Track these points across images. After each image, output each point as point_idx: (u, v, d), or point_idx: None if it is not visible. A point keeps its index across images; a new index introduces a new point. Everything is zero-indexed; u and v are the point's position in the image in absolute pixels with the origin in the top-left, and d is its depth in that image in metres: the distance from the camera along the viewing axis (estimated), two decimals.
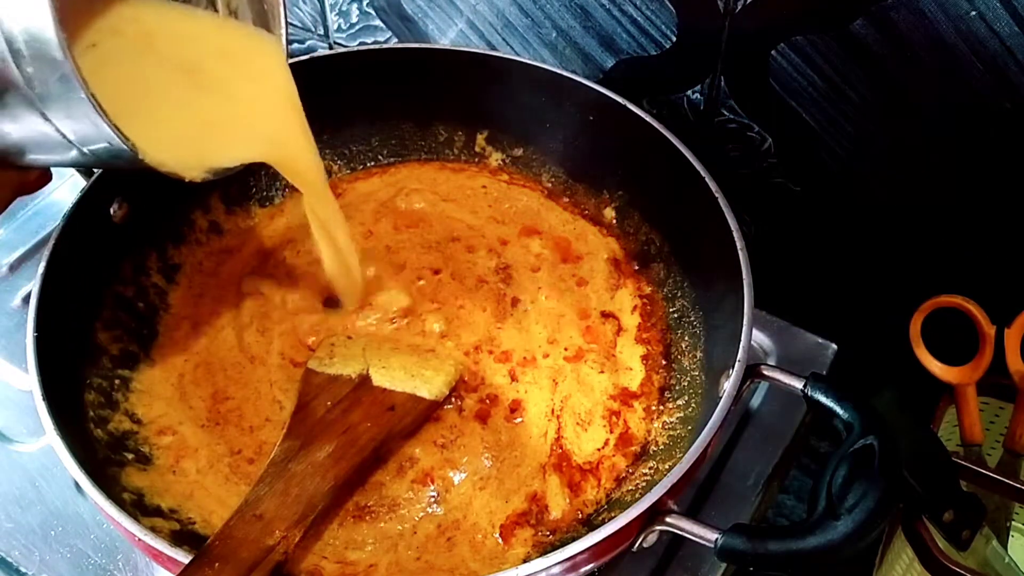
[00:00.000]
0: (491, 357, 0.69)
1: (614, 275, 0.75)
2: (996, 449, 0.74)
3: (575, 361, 0.69)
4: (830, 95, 0.70)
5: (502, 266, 0.75)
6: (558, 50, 0.81)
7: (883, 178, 0.73)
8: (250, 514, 0.54)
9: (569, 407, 0.66)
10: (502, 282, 0.74)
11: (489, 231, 0.78)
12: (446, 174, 0.83)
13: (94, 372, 0.64)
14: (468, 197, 0.81)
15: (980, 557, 0.68)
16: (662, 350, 0.70)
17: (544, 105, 0.77)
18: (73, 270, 0.63)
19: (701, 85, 0.76)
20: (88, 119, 0.44)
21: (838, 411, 0.54)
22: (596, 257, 0.76)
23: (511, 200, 0.81)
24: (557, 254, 0.77)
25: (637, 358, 0.70)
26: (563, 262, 0.76)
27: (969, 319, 0.72)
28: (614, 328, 0.72)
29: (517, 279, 0.74)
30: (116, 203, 0.69)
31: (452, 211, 0.80)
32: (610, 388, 0.68)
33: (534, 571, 0.49)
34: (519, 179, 0.82)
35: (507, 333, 0.70)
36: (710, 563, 0.64)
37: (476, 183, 0.82)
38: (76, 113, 0.44)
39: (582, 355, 0.69)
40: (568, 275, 0.75)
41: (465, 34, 0.85)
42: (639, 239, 0.76)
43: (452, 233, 0.77)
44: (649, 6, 0.73)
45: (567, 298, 0.73)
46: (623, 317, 0.73)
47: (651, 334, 0.71)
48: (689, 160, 0.68)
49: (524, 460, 0.64)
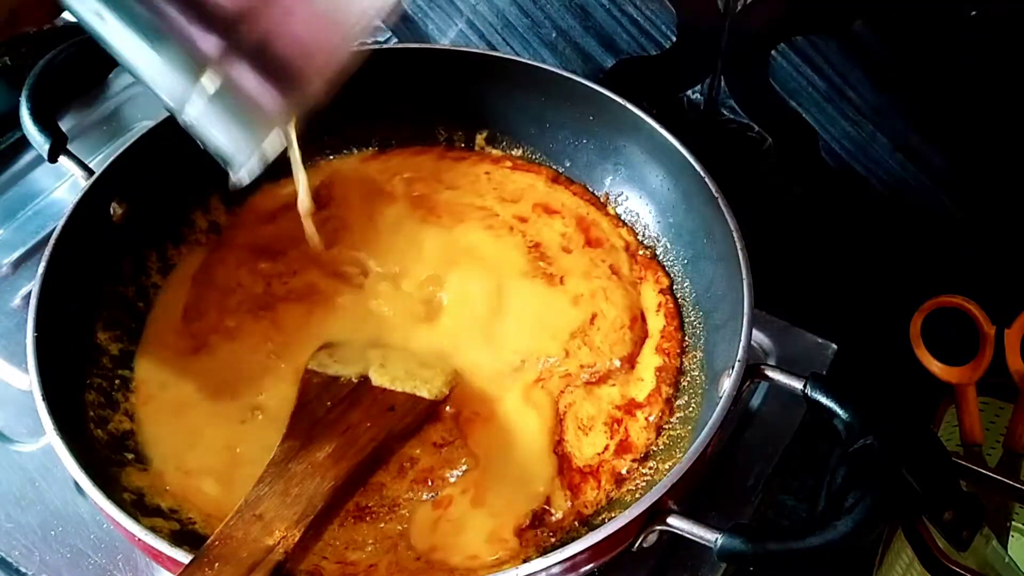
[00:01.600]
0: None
1: (635, 266, 0.74)
2: (996, 449, 0.74)
3: (597, 384, 0.68)
4: (830, 95, 0.70)
5: (532, 244, 0.74)
6: (558, 50, 0.81)
7: (883, 178, 0.73)
8: (250, 514, 0.54)
9: (572, 412, 0.66)
10: (540, 260, 0.73)
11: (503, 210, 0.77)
12: (447, 162, 0.82)
13: (94, 372, 0.64)
14: (472, 183, 0.80)
15: (980, 557, 0.68)
16: (678, 364, 0.69)
17: (544, 105, 0.77)
18: (73, 270, 0.63)
19: (701, 85, 0.76)
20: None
21: (838, 411, 0.54)
22: (616, 247, 0.75)
23: (515, 183, 0.79)
24: (582, 235, 0.75)
25: (652, 369, 0.69)
26: (588, 245, 0.75)
27: (969, 319, 0.72)
28: (642, 333, 0.70)
29: (554, 257, 0.73)
30: (116, 203, 0.69)
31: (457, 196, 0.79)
32: (617, 398, 0.67)
33: (534, 571, 0.49)
34: (523, 166, 0.81)
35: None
36: (710, 563, 0.64)
37: (479, 170, 0.81)
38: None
39: (608, 377, 0.68)
40: (599, 260, 0.74)
41: (465, 34, 0.85)
42: (639, 239, 0.76)
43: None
44: (649, 6, 0.73)
45: (615, 294, 0.71)
46: (650, 319, 0.71)
47: (671, 344, 0.70)
48: (689, 160, 0.68)
49: (525, 462, 0.64)
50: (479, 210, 0.77)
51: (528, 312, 0.70)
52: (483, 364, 0.68)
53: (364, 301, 0.71)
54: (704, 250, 0.69)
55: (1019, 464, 0.72)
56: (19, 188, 0.88)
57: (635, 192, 0.76)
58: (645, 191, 0.75)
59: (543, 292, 0.71)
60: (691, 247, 0.71)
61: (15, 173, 0.89)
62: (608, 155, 0.77)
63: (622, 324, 0.70)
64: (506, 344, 0.69)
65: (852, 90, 0.69)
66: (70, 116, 0.92)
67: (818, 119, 0.72)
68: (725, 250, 0.64)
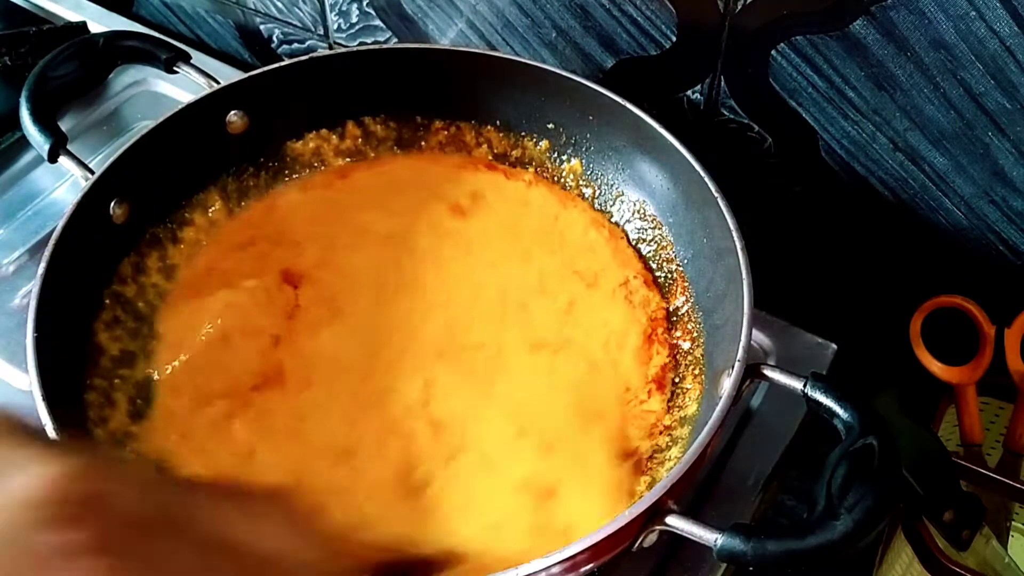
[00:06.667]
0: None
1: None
2: (996, 449, 0.74)
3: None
4: (830, 95, 0.70)
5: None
6: (558, 50, 0.81)
7: (883, 178, 0.73)
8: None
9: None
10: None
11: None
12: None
13: (94, 372, 0.64)
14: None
15: (980, 557, 0.68)
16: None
17: (544, 105, 0.77)
18: (73, 270, 0.63)
19: (701, 85, 0.76)
20: None
21: (838, 411, 0.54)
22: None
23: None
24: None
25: (652, 369, 0.69)
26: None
27: (969, 319, 0.72)
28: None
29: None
30: (116, 203, 0.69)
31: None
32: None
33: (534, 571, 0.49)
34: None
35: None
36: (710, 563, 0.64)
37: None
38: None
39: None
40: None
41: (465, 34, 0.85)
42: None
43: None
44: (649, 6, 0.73)
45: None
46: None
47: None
48: (689, 160, 0.68)
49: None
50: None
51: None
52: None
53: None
54: (704, 250, 0.69)
55: (1019, 464, 0.72)
56: (19, 188, 0.88)
57: (635, 192, 0.76)
58: (645, 191, 0.75)
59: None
60: (691, 247, 0.71)
61: (15, 173, 0.89)
62: (608, 155, 0.77)
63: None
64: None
65: (852, 90, 0.69)
66: (70, 116, 0.92)
67: (818, 119, 0.72)
68: (725, 250, 0.64)
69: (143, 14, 1.08)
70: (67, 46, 0.75)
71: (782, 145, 0.76)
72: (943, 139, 0.68)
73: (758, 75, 0.72)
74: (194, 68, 0.76)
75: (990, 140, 0.66)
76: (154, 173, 0.71)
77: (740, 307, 0.59)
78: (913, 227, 0.74)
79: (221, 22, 1.03)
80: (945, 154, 0.69)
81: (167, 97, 0.95)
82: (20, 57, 0.91)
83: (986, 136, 0.66)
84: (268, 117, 0.77)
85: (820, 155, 0.74)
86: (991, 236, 0.72)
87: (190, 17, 1.05)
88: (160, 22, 1.08)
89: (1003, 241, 0.71)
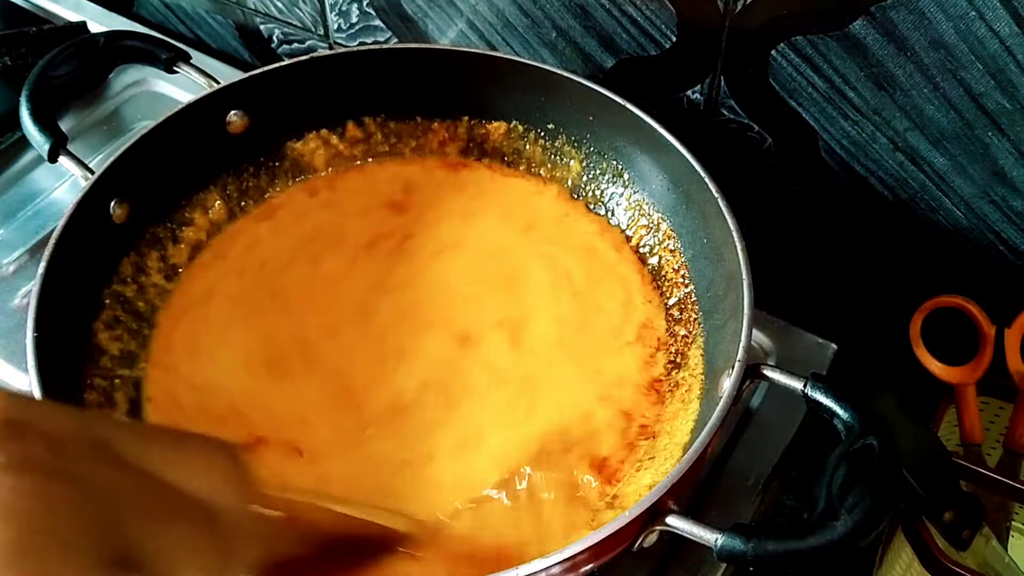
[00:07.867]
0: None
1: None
2: (996, 449, 0.74)
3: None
4: (830, 95, 0.70)
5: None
6: (558, 50, 0.81)
7: (883, 178, 0.73)
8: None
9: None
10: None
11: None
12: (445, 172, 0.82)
13: (94, 372, 0.64)
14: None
15: (980, 557, 0.68)
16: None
17: (544, 105, 0.77)
18: (73, 270, 0.63)
19: (701, 85, 0.76)
20: None
21: (838, 411, 0.54)
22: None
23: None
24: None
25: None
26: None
27: (969, 319, 0.72)
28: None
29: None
30: (116, 203, 0.69)
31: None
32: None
33: (534, 571, 0.49)
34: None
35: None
36: (710, 563, 0.64)
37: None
38: None
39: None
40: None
41: (465, 34, 0.85)
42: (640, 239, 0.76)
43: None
44: (649, 6, 0.73)
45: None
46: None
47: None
48: (689, 160, 0.68)
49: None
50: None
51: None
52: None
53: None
54: (704, 250, 0.69)
55: (1019, 464, 0.72)
56: (19, 188, 0.88)
57: (635, 192, 0.76)
58: (645, 191, 0.75)
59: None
60: (691, 247, 0.71)
61: (15, 173, 0.89)
62: (608, 155, 0.77)
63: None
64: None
65: (852, 90, 0.69)
66: (70, 116, 0.92)
67: (818, 119, 0.72)
68: (725, 250, 0.64)
69: (143, 14, 1.08)
70: (67, 46, 0.75)
71: (782, 145, 0.76)
72: (943, 139, 0.68)
73: (758, 75, 0.72)
74: (194, 68, 0.76)
75: (990, 140, 0.66)
76: (154, 173, 0.71)
77: (740, 307, 0.59)
78: (913, 227, 0.74)
79: (221, 22, 1.03)
80: (945, 154, 0.69)
81: (167, 97, 0.95)
82: (20, 57, 0.91)
83: (986, 136, 0.66)
84: (268, 117, 0.77)
85: (820, 155, 0.74)
86: (991, 236, 0.72)
87: (190, 17, 1.05)
88: (160, 22, 1.08)
89: (1003, 241, 0.72)
